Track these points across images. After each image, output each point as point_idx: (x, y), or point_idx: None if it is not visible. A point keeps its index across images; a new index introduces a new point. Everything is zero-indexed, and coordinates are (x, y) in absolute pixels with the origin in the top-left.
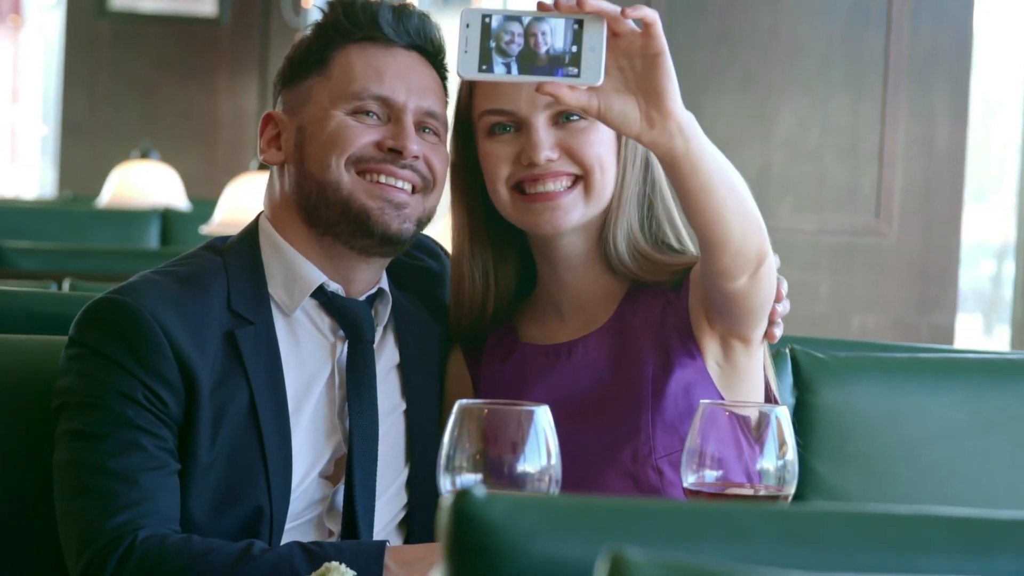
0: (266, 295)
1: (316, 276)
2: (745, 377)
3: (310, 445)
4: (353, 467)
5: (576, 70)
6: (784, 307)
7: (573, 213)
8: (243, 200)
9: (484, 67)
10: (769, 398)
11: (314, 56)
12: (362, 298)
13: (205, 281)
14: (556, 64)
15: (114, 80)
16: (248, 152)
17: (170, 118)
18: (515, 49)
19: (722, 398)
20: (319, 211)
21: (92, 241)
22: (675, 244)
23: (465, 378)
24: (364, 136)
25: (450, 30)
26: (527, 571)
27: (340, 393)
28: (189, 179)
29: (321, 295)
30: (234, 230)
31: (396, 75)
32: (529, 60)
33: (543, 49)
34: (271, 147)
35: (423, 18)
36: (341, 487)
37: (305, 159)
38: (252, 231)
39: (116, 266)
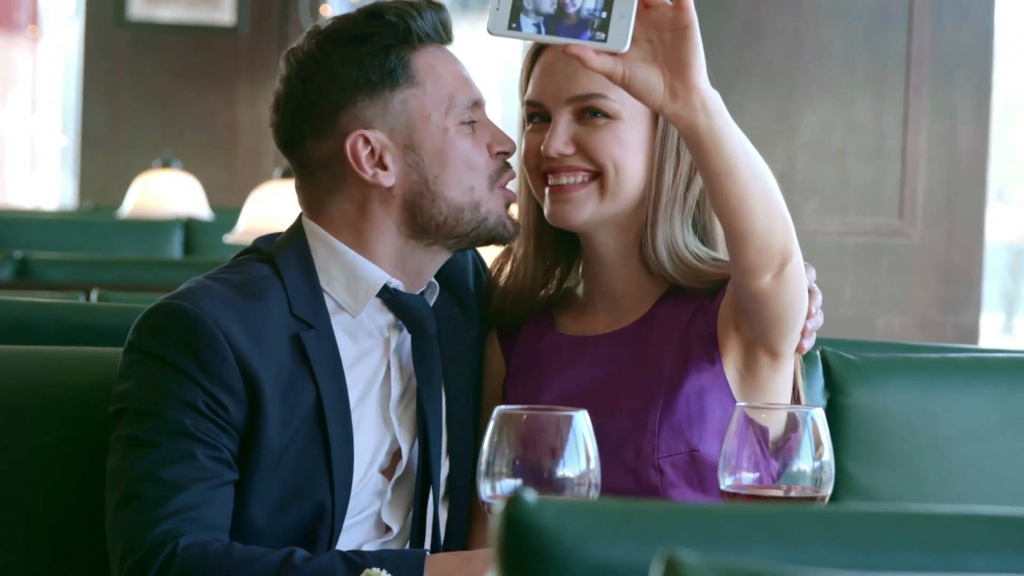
0: (321, 298)
1: (379, 275)
2: (767, 392)
3: (370, 441)
4: (431, 461)
5: (603, 35)
6: (815, 322)
7: (584, 208)
8: (267, 209)
9: (513, 25)
10: None
11: (394, 65)
12: (419, 292)
13: (261, 287)
14: (584, 28)
15: (133, 90)
16: (267, 161)
17: (189, 127)
18: (545, 9)
19: None
20: (445, 227)
21: (115, 251)
22: (719, 255)
23: (499, 358)
24: (486, 151)
25: (469, 35)
26: (579, 575)
27: (397, 387)
28: (209, 188)
29: (384, 293)
30: None
31: (467, 75)
32: (558, 22)
33: (572, 11)
34: (378, 168)
35: (447, 11)
36: (395, 478)
37: (433, 182)
38: (299, 235)
39: (143, 276)
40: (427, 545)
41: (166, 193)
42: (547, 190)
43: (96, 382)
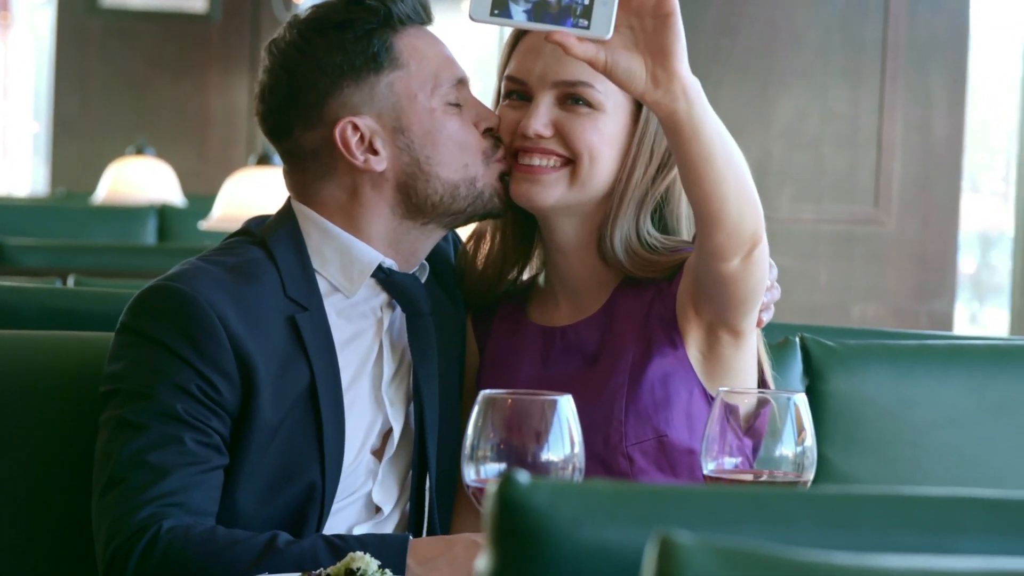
0: (314, 280)
1: (373, 256)
2: (731, 370)
3: (362, 422)
4: (426, 440)
5: (586, 22)
6: (772, 295)
7: (551, 192)
8: (241, 196)
9: (496, 12)
10: (763, 387)
11: (377, 49)
12: (412, 271)
13: (254, 270)
14: (567, 15)
15: (105, 77)
16: (240, 148)
17: (162, 114)
18: None
19: (703, 388)
20: (442, 205)
21: (89, 237)
22: (673, 244)
23: (474, 348)
24: (474, 128)
25: (445, 23)
26: (571, 556)
27: (390, 367)
28: (181, 175)
29: (378, 273)
30: (233, 225)
31: (450, 55)
32: (541, 8)
33: None
34: (368, 153)
35: None
36: (386, 458)
37: (426, 162)
38: (290, 217)
39: (118, 262)
40: (424, 523)
41: (140, 180)
42: (516, 167)
43: (78, 366)
